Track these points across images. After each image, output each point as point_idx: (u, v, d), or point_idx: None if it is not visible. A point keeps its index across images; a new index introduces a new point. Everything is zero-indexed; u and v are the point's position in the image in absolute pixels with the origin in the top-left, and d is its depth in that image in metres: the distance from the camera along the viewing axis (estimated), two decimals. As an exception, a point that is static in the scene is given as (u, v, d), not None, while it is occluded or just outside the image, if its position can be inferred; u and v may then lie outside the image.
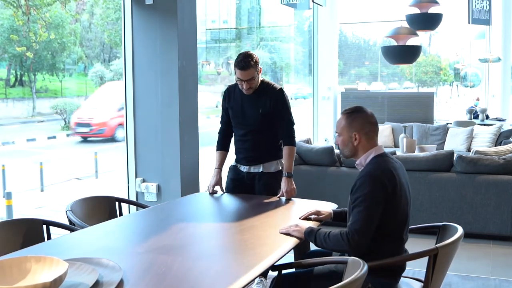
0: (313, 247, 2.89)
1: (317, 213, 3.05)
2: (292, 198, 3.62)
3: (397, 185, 2.59)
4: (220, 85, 22.67)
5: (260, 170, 3.78)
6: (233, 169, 3.92)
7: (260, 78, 3.75)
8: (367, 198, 2.52)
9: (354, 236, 2.51)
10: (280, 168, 3.81)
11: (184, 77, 4.77)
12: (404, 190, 2.66)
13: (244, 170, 3.83)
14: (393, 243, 2.66)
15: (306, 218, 3.04)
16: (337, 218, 3.06)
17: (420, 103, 9.85)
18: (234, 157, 3.96)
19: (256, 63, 3.64)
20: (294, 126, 3.82)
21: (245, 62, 3.61)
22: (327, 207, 3.21)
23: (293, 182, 3.69)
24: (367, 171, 2.61)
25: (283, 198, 3.63)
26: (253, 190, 3.80)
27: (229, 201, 3.73)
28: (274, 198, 3.62)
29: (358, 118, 2.73)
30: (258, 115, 3.71)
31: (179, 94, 4.71)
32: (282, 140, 3.78)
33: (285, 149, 3.75)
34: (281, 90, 3.75)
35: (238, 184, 3.85)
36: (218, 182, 3.82)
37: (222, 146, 3.95)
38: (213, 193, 3.78)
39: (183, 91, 4.75)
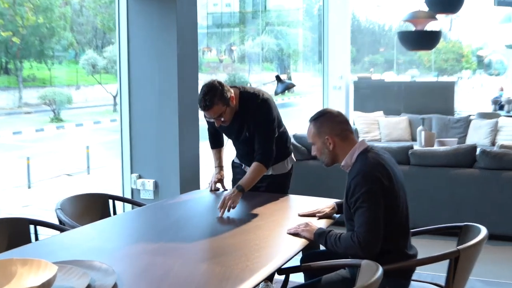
0: (322, 248, 2.89)
1: (319, 212, 3.10)
2: (301, 197, 3.61)
3: (392, 177, 2.64)
4: (222, 73, 22.64)
5: (270, 172, 3.70)
6: (237, 168, 3.91)
7: (237, 92, 3.51)
8: (367, 197, 2.57)
9: (366, 238, 2.52)
10: (291, 166, 3.79)
11: (184, 65, 4.76)
12: (399, 180, 2.71)
13: None
14: (401, 239, 2.70)
15: (309, 216, 3.08)
16: (341, 210, 3.07)
17: (439, 93, 9.82)
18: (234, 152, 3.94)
19: (222, 95, 3.34)
20: (273, 146, 3.55)
21: (206, 100, 3.31)
22: (328, 202, 3.23)
23: (238, 200, 3.30)
24: (357, 170, 2.65)
25: (291, 196, 3.62)
26: (261, 189, 3.78)
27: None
28: (283, 196, 3.61)
29: (325, 121, 2.80)
30: (246, 138, 3.59)
31: (178, 83, 4.70)
32: (255, 155, 3.52)
33: (253, 165, 3.47)
34: (261, 103, 3.50)
35: None
36: (220, 179, 3.82)
37: (215, 144, 3.92)
38: (214, 190, 3.78)
39: (182, 80, 4.74)
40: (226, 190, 3.80)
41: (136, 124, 4.95)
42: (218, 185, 3.81)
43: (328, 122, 2.79)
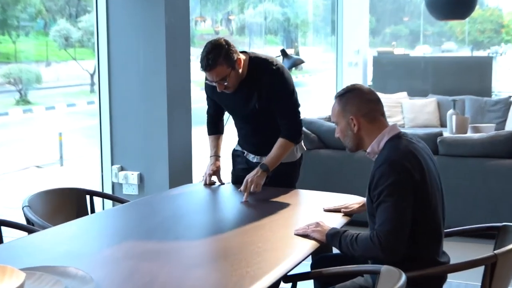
0: (335, 251, 2.90)
1: (346, 208, 3.12)
2: (311, 192, 3.62)
3: (424, 170, 2.62)
4: (218, 47, 22.56)
5: None
6: (239, 156, 3.92)
7: (246, 57, 3.55)
8: (393, 189, 2.55)
9: (388, 238, 2.52)
10: (301, 154, 3.80)
11: (173, 38, 4.75)
12: (433, 175, 2.69)
13: (254, 161, 3.81)
14: (431, 244, 2.69)
15: (334, 211, 3.11)
16: None
17: (474, 71, 9.80)
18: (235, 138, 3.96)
19: (227, 55, 3.38)
20: (301, 118, 3.69)
21: (209, 59, 3.35)
22: (356, 199, 3.24)
23: (262, 182, 3.51)
24: (384, 157, 2.64)
25: (302, 191, 3.63)
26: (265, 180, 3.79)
27: (230, 194, 3.73)
28: (290, 190, 3.62)
29: (352, 99, 2.78)
30: (256, 110, 3.61)
31: (167, 60, 4.70)
32: (281, 131, 3.64)
33: (278, 141, 3.60)
34: (275, 70, 3.56)
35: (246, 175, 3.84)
36: (216, 171, 3.82)
37: (214, 129, 3.94)
38: (209, 184, 3.79)
39: (171, 56, 4.74)
40: (223, 183, 3.81)
41: (117, 107, 4.95)
42: (214, 178, 3.82)
43: (355, 99, 2.77)
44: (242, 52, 3.58)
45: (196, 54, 4.78)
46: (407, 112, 9.35)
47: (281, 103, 3.59)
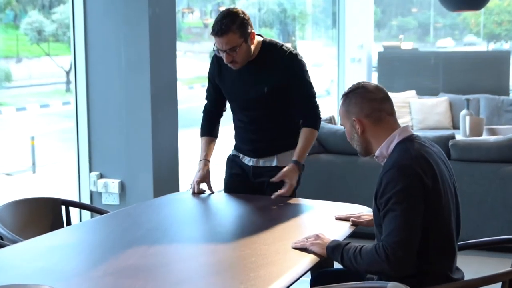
0: (336, 266, 2.91)
1: (358, 217, 3.15)
2: (311, 201, 3.63)
3: (437, 176, 2.63)
4: (207, 41, 22.59)
5: (274, 164, 3.77)
6: (233, 161, 3.93)
7: (259, 39, 3.69)
8: (402, 197, 2.55)
9: (395, 250, 2.52)
10: None
11: (158, 31, 4.76)
12: (447, 183, 2.70)
13: (250, 164, 3.83)
14: (444, 258, 2.69)
15: (345, 220, 3.16)
16: None
17: (490, 67, 9.82)
18: (232, 143, 3.96)
19: (242, 25, 3.52)
20: (318, 102, 3.81)
21: (222, 24, 3.48)
22: (365, 210, 3.28)
23: (296, 177, 3.68)
24: (393, 161, 2.65)
25: (300, 200, 3.64)
26: (260, 190, 3.80)
27: (223, 204, 3.74)
28: (287, 199, 3.63)
29: (354, 98, 2.81)
30: (263, 94, 3.68)
31: (151, 55, 4.70)
32: (302, 120, 3.78)
33: (303, 131, 3.74)
34: (292, 54, 3.70)
35: (242, 180, 3.86)
36: (205, 177, 3.83)
37: (209, 131, 3.96)
38: (198, 193, 3.80)
39: (156, 51, 4.74)
40: (213, 192, 3.82)
41: (95, 107, 4.95)
42: (203, 185, 3.82)
43: (358, 99, 2.79)
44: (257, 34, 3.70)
45: (183, 49, 4.79)
46: (416, 112, 9.37)
47: (301, 87, 3.72)
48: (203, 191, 3.82)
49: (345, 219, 3.17)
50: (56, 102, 15.83)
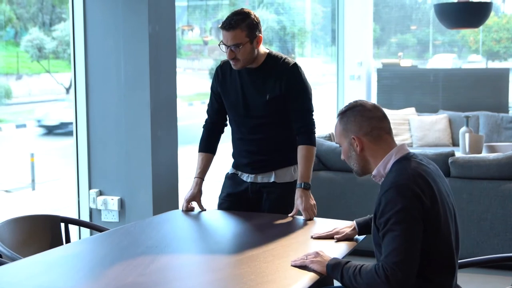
0: (336, 284, 2.90)
1: (337, 233, 3.17)
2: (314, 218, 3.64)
3: (436, 194, 2.63)
4: (207, 59, 22.67)
5: (272, 179, 3.79)
6: (231, 180, 3.94)
7: (265, 50, 3.75)
8: (401, 217, 2.56)
9: (395, 271, 2.51)
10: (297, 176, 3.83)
11: (158, 48, 4.76)
12: (446, 201, 2.70)
13: (248, 180, 3.84)
14: (444, 277, 2.69)
15: (325, 238, 3.16)
16: (363, 230, 3.17)
17: (490, 84, 9.83)
18: (231, 161, 3.97)
19: (251, 25, 3.64)
20: (314, 117, 3.83)
21: (233, 20, 3.62)
22: (346, 223, 3.29)
23: (312, 196, 3.70)
24: (391, 181, 2.65)
25: (299, 218, 3.64)
26: (258, 207, 3.81)
27: (222, 221, 3.73)
28: (286, 217, 3.63)
29: (353, 117, 2.82)
30: (264, 103, 3.72)
31: (151, 72, 4.71)
32: (297, 136, 3.79)
33: (300, 150, 3.74)
34: (295, 66, 3.76)
35: (236, 201, 3.87)
36: (196, 197, 3.85)
37: (207, 147, 3.97)
38: (187, 210, 3.81)
39: (155, 68, 4.75)
40: (204, 210, 3.82)
41: (95, 124, 4.95)
42: (193, 204, 3.83)
43: (357, 117, 2.81)
44: None
45: (183, 66, 4.80)
46: (415, 130, 9.38)
47: (299, 99, 3.75)
48: (192, 209, 3.84)
49: (326, 237, 3.19)
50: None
